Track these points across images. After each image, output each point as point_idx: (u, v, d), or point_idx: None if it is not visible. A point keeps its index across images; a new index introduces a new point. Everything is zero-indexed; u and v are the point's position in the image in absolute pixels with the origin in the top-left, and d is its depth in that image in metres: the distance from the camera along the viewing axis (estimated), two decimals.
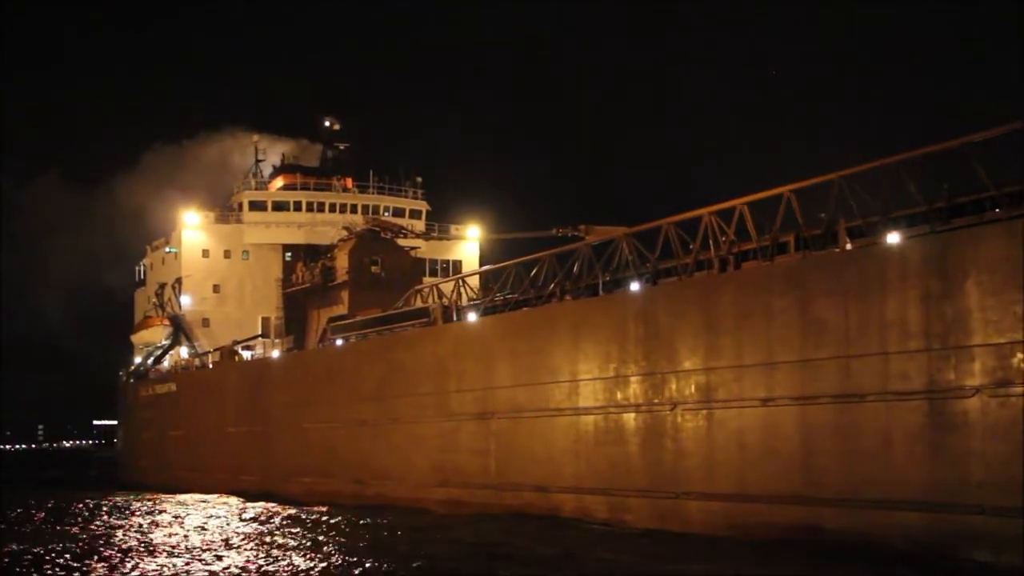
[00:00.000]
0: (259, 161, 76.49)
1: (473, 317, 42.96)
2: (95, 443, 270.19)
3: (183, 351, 71.25)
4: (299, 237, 70.35)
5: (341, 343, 52.40)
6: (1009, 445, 23.15)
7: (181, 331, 70.56)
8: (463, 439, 40.89)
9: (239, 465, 57.43)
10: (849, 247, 27.50)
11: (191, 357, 69.90)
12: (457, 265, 72.94)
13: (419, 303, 50.53)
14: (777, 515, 28.12)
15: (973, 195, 26.56)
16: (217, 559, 30.35)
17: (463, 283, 48.68)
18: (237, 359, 63.81)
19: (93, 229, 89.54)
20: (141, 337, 75.67)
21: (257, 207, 71.08)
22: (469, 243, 74.46)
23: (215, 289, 71.03)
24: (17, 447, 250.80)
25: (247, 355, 64.70)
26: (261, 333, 68.84)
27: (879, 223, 27.76)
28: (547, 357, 36.92)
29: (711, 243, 33.24)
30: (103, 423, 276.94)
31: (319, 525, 38.57)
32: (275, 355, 60.57)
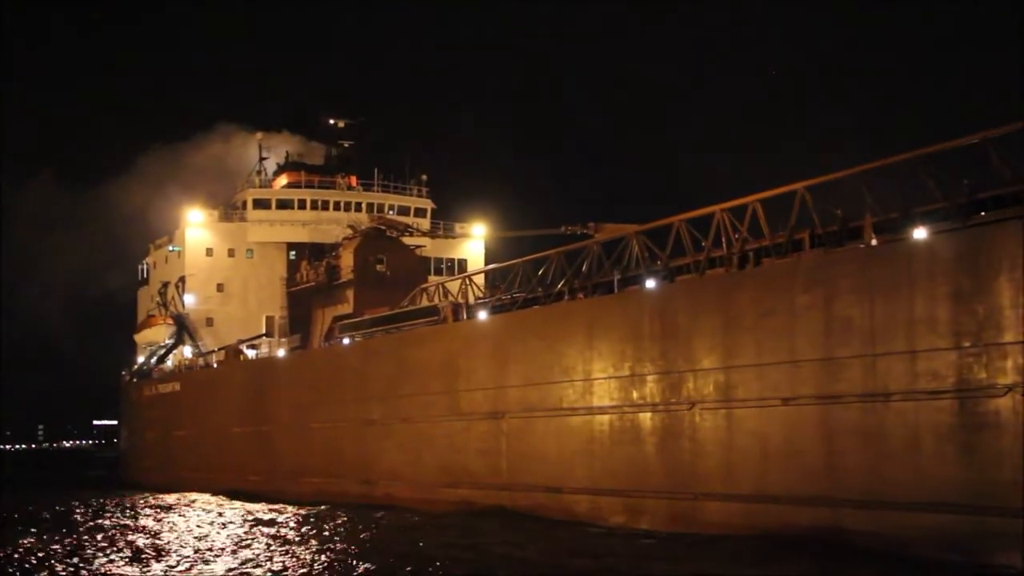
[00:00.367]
0: (263, 159, 75.90)
1: (484, 315, 42.36)
2: (95, 443, 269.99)
3: (187, 350, 70.64)
4: (303, 235, 69.80)
5: (348, 342, 51.78)
6: None
7: (185, 330, 70.00)
8: (474, 439, 40.30)
9: (244, 465, 56.82)
10: (875, 243, 26.87)
11: (195, 356, 69.30)
12: (462, 264, 72.45)
13: (425, 302, 49.99)
14: (799, 516, 27.52)
15: (993, 191, 26.03)
16: (226, 561, 29.82)
17: (470, 281, 48.15)
18: (242, 358, 63.19)
19: (90, 230, 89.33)
20: (144, 336, 75.12)
21: (261, 205, 70.53)
22: (474, 242, 73.99)
23: (219, 288, 70.50)
24: (17, 447, 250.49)
25: (251, 354, 64.09)
26: (265, 332, 68.29)
27: (900, 219, 27.24)
28: (560, 355, 36.32)
29: (723, 241, 32.73)
30: (103, 423, 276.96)
31: (326, 526, 38.05)
32: (280, 354, 59.95)
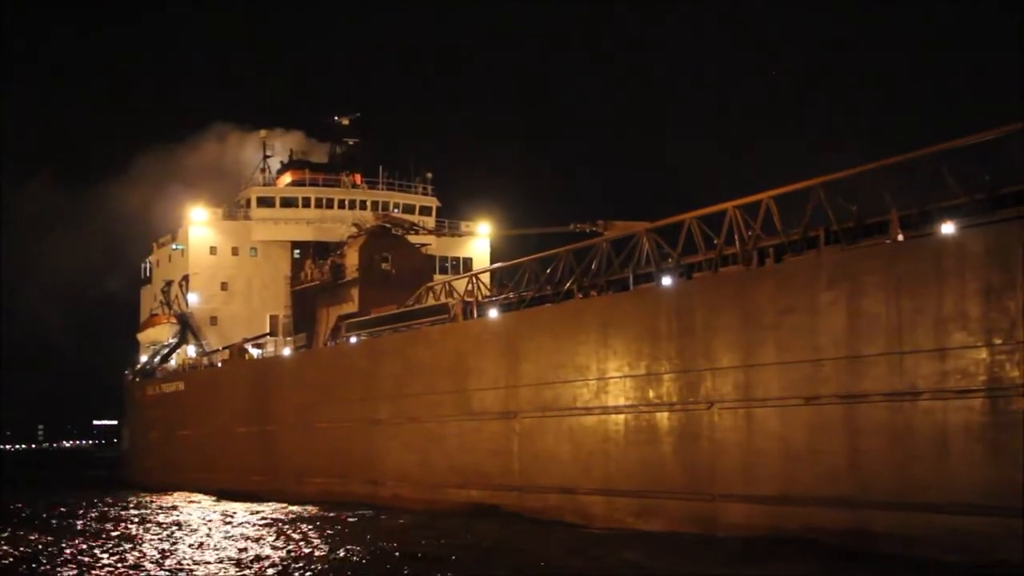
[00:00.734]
0: (267, 157, 75.31)
1: (494, 313, 41.75)
2: (95, 443, 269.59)
3: (190, 350, 70.03)
4: (308, 234, 69.25)
5: (355, 340, 51.18)
6: None
7: (188, 329, 69.38)
8: (484, 439, 39.69)
9: (249, 465, 56.23)
10: (901, 238, 26.25)
11: (199, 356, 68.71)
12: (468, 262, 71.93)
13: (431, 301, 49.46)
14: (823, 518, 26.92)
15: (1015, 186, 25.47)
16: (232, 562, 29.26)
17: (476, 280, 47.61)
18: (247, 357, 62.59)
19: (89, 230, 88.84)
20: (147, 335, 74.54)
21: (265, 203, 69.97)
22: (480, 240, 73.45)
23: (223, 287, 69.92)
24: (17, 447, 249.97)
25: (256, 353, 63.48)
26: (269, 331, 67.71)
27: (919, 215, 26.66)
28: (574, 354, 35.71)
29: (736, 238, 32.19)
30: (103, 423, 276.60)
31: (333, 527, 37.53)
32: (286, 353, 59.33)
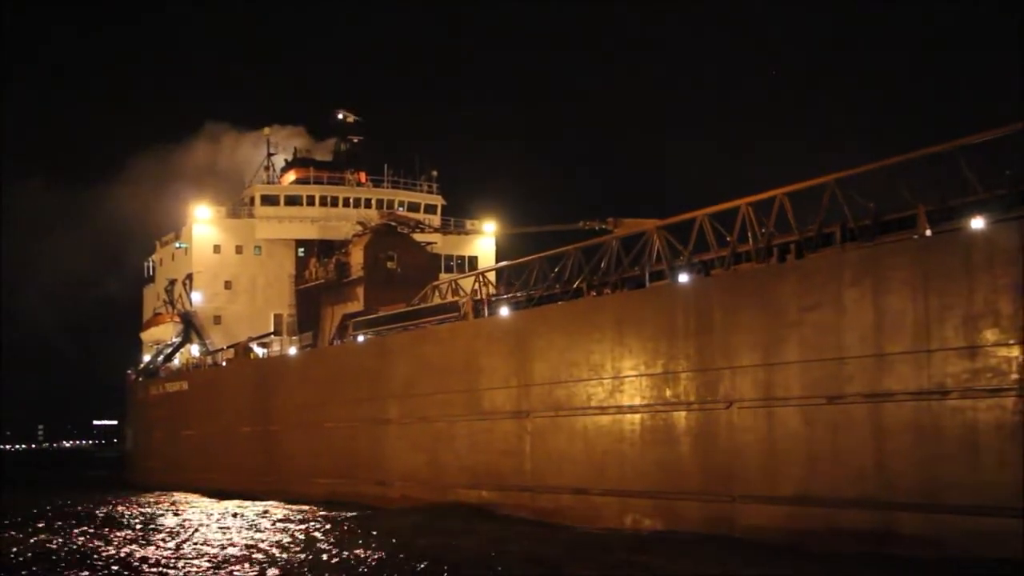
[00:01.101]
0: (271, 155, 74.80)
1: (505, 311, 41.17)
2: (95, 443, 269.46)
3: (194, 349, 69.51)
4: (312, 232, 68.82)
5: (362, 339, 50.59)
6: None
7: (192, 328, 68.90)
8: (496, 439, 39.11)
9: (254, 465, 55.68)
10: (929, 233, 25.69)
11: (202, 355, 68.16)
12: (473, 261, 71.55)
13: (437, 299, 48.92)
14: (847, 519, 26.36)
15: None
16: (239, 564, 28.72)
17: (483, 278, 47.10)
18: (252, 356, 62.02)
19: (86, 232, 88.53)
20: (151, 334, 74.01)
21: (269, 202, 69.52)
22: (485, 238, 72.98)
23: (227, 285, 69.52)
24: (17, 447, 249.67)
25: (261, 352, 62.92)
26: (273, 330, 67.22)
27: (939, 210, 26.13)
28: (588, 352, 35.13)
29: (749, 235, 31.70)
30: (103, 423, 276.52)
31: (339, 527, 37.10)
32: (292, 352, 58.75)
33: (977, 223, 24.68)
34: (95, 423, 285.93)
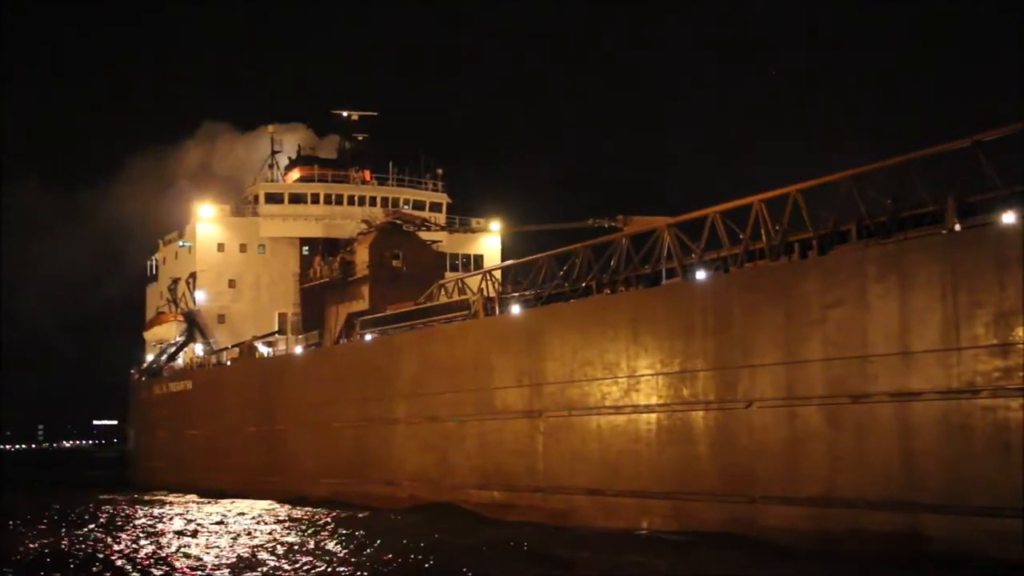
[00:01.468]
0: (275, 152, 74.08)
1: (516, 309, 40.59)
2: (95, 443, 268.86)
3: (197, 348, 68.90)
4: (317, 230, 68.17)
5: (370, 338, 50.01)
6: None
7: (196, 327, 68.29)
8: (508, 438, 38.53)
9: (261, 466, 55.10)
10: (958, 228, 25.10)
11: (206, 354, 67.56)
12: (479, 259, 70.92)
13: (443, 298, 48.35)
14: (873, 521, 25.78)
15: None
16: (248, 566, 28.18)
17: (490, 277, 46.62)
18: (257, 355, 61.44)
19: (85, 233, 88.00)
20: (154, 334, 73.40)
21: (273, 200, 68.87)
22: (491, 237, 72.36)
23: (230, 284, 68.92)
24: (17, 447, 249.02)
25: (266, 351, 62.33)
26: (278, 329, 66.63)
27: (961, 206, 25.58)
28: (602, 351, 34.56)
29: (763, 232, 31.18)
30: (103, 423, 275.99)
31: (347, 528, 36.66)
32: (298, 351, 58.15)
33: (1008, 217, 24.10)
34: (95, 423, 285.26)
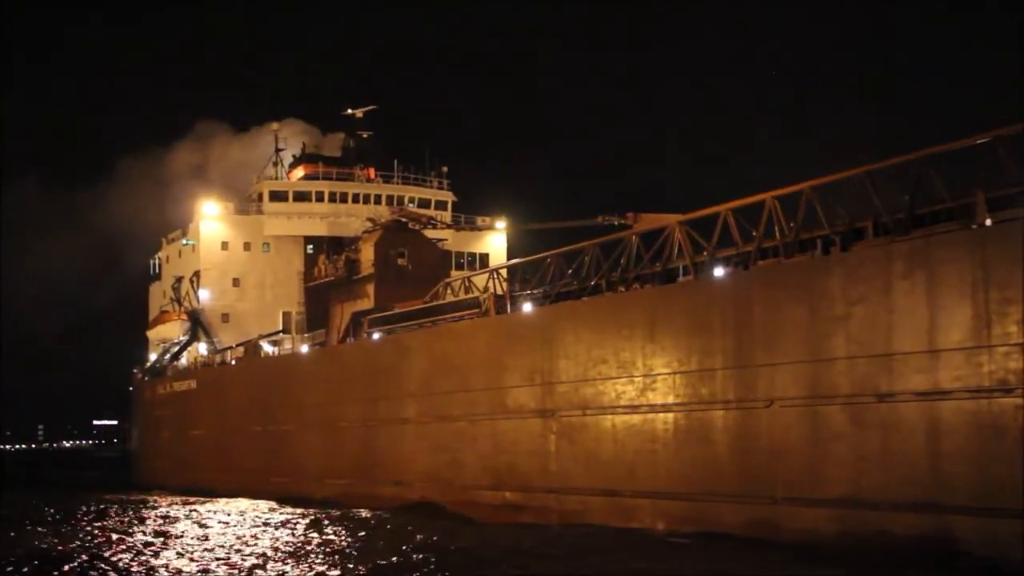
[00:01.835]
0: (279, 150, 73.56)
1: (529, 307, 40.04)
2: (95, 443, 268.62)
3: (201, 347, 68.35)
4: (321, 229, 67.64)
5: (378, 336, 49.46)
6: None
7: (200, 326, 67.75)
8: (520, 438, 37.99)
9: (267, 466, 54.57)
10: (989, 223, 24.56)
11: (211, 353, 67.01)
12: (484, 258, 70.43)
13: (450, 296, 47.83)
14: (900, 524, 25.24)
15: None
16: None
17: (497, 275, 46.14)
18: (262, 354, 60.89)
19: (81, 234, 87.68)
20: (157, 333, 72.93)
21: (278, 198, 68.32)
22: (496, 235, 71.81)
23: (234, 283, 68.41)
24: (17, 447, 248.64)
25: (271, 350, 61.78)
26: (282, 328, 66.06)
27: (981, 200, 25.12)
28: (618, 349, 34.04)
29: (777, 230, 30.70)
30: (103, 423, 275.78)
31: (354, 529, 36.24)
32: (304, 350, 57.61)
33: None
34: (95, 423, 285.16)
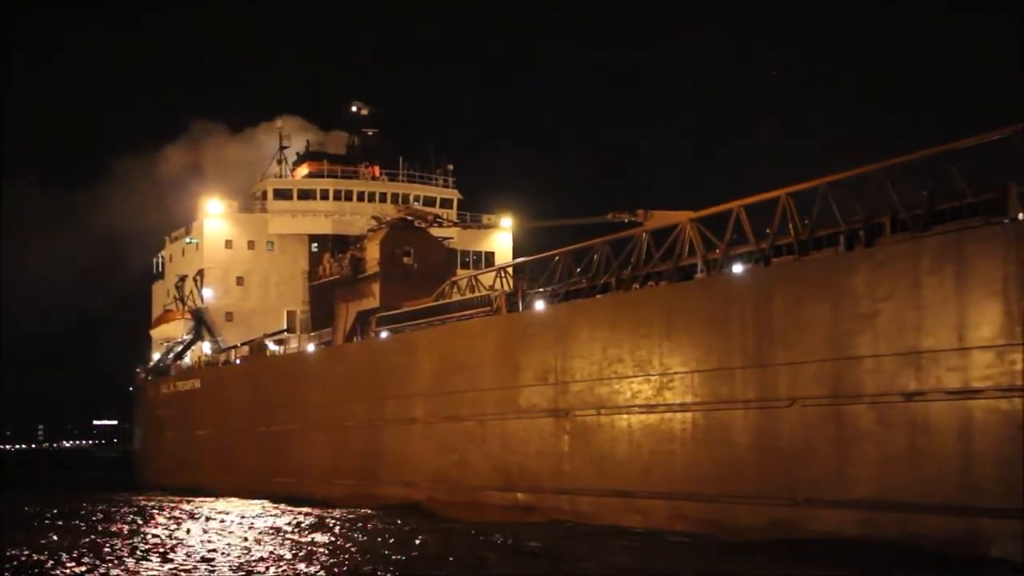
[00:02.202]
0: (283, 148, 72.91)
1: (541, 305, 39.39)
2: (95, 443, 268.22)
3: (205, 346, 67.71)
4: (326, 227, 67.07)
5: (386, 335, 48.81)
6: None
7: (203, 325, 67.12)
8: (532, 438, 37.34)
9: (272, 466, 53.95)
10: (1022, 216, 23.91)
11: (215, 353, 66.36)
12: (490, 256, 69.76)
13: (456, 295, 47.20)
14: (927, 525, 24.60)
15: None
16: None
17: (504, 274, 45.39)
18: (268, 353, 60.24)
19: (80, 234, 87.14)
20: (161, 332, 72.33)
21: (282, 196, 67.69)
22: (502, 234, 71.18)
23: (238, 281, 67.78)
24: (17, 447, 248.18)
25: (276, 349, 61.14)
26: (287, 327, 65.38)
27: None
28: (634, 347, 33.39)
29: (791, 227, 30.10)
30: (103, 423, 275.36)
31: (362, 531, 35.64)
32: (310, 349, 56.96)
33: None
34: (95, 423, 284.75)
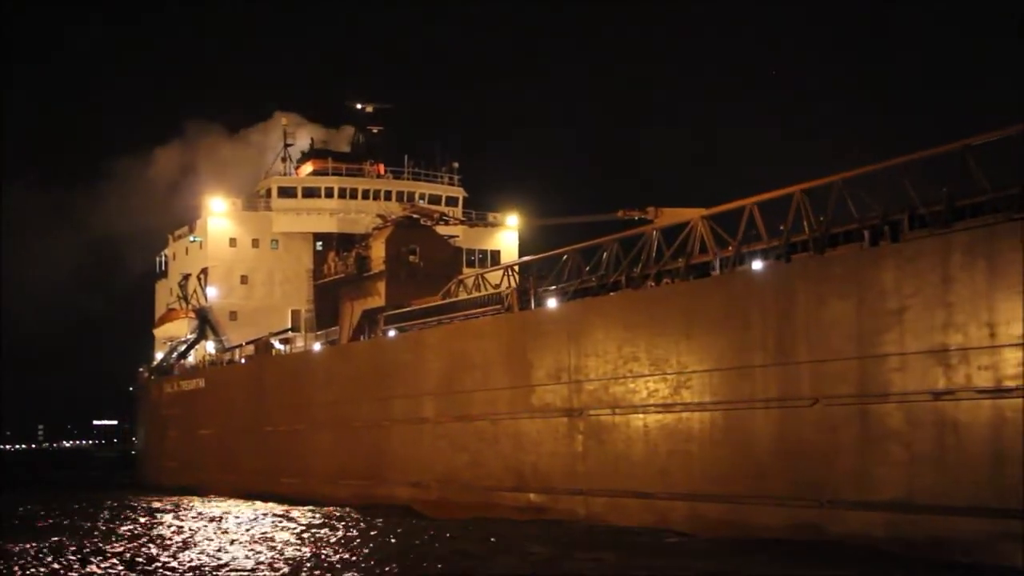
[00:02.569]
0: (288, 145, 72.29)
1: (553, 303, 38.79)
2: (95, 443, 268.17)
3: (209, 345, 67.10)
4: (331, 225, 66.43)
5: (394, 334, 48.21)
6: None
7: (207, 324, 66.49)
8: (545, 438, 36.74)
9: (278, 466, 53.34)
10: None
11: (219, 352, 65.75)
12: (496, 255, 69.19)
13: (463, 294, 46.64)
14: (957, 528, 24.00)
15: None
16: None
17: (511, 272, 44.71)
18: (273, 353, 59.64)
19: (78, 234, 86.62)
20: (164, 331, 71.75)
21: (286, 194, 67.08)
22: (507, 232, 70.59)
23: (242, 280, 67.13)
24: (17, 447, 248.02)
25: (281, 348, 60.54)
26: (291, 326, 64.82)
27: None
28: (651, 346, 32.80)
29: (805, 224, 29.57)
30: (103, 423, 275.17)
31: (369, 533, 35.18)
32: (316, 348, 56.36)
33: None
34: (95, 423, 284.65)
